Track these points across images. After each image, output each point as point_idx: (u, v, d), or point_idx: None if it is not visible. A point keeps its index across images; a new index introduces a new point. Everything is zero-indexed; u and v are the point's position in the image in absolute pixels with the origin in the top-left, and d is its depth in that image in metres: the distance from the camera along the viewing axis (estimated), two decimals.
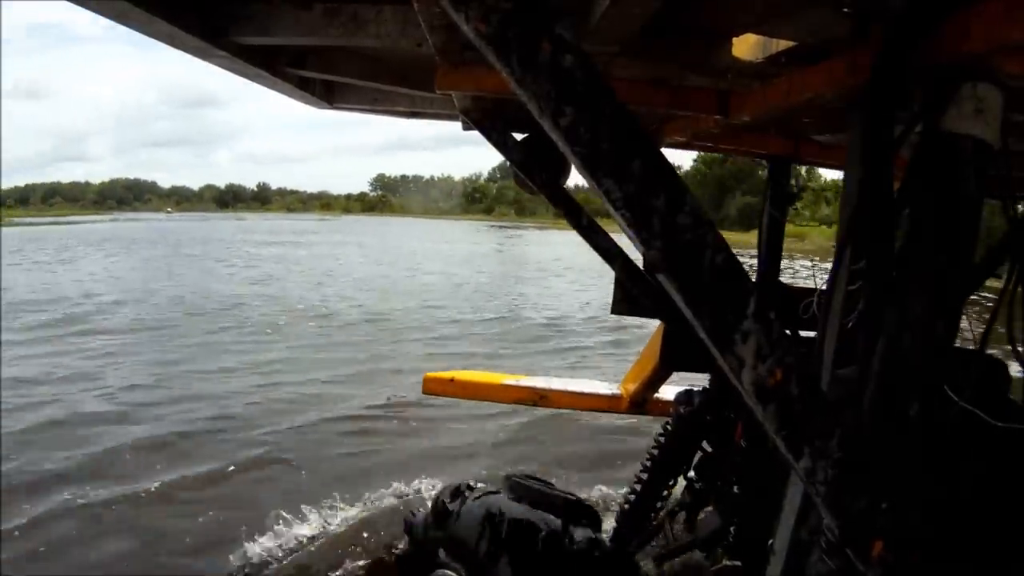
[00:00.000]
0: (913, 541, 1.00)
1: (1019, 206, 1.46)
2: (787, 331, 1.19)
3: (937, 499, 1.21)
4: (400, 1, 1.64)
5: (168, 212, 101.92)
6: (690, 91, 1.99)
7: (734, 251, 0.88)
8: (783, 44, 1.54)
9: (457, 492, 2.64)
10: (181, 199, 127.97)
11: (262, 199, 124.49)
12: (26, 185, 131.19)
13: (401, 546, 2.90)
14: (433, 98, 2.40)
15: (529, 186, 2.84)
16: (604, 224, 2.75)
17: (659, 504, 2.98)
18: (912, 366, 1.10)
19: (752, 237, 2.82)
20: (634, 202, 0.83)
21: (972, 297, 1.33)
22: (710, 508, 2.74)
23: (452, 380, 3.72)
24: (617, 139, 0.82)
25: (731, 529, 2.51)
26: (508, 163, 2.82)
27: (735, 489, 2.55)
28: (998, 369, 1.61)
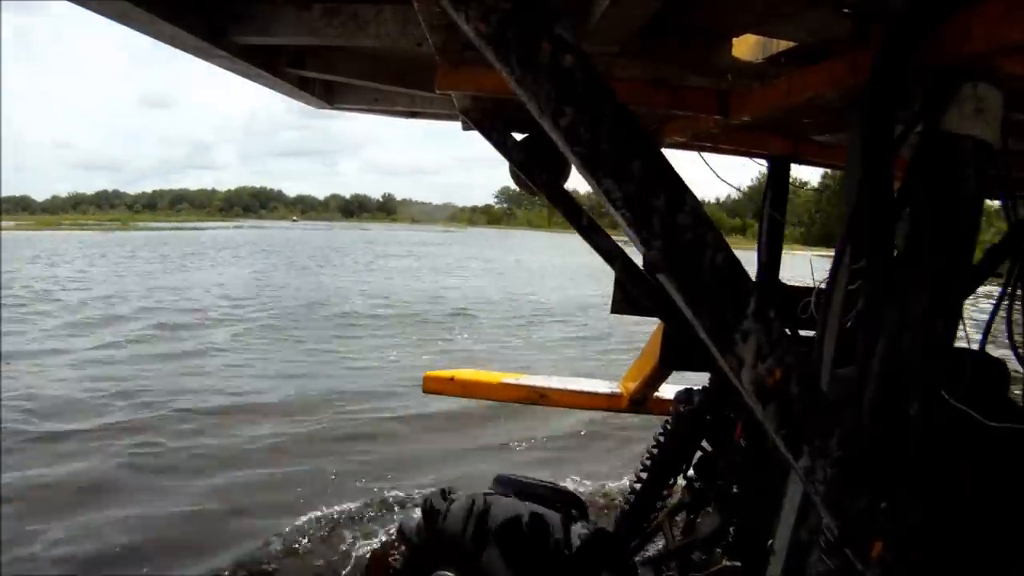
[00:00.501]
0: (913, 541, 1.00)
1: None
2: (787, 330, 1.19)
3: (937, 499, 1.21)
4: (400, 1, 1.64)
5: (294, 220, 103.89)
6: (690, 91, 1.99)
7: None
8: (783, 44, 1.54)
9: (445, 493, 2.66)
10: (307, 208, 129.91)
11: (387, 210, 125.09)
12: (154, 191, 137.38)
13: (397, 554, 2.91)
14: (433, 98, 2.40)
15: (529, 186, 2.84)
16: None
17: (659, 504, 2.98)
18: (912, 366, 1.10)
19: None
20: (634, 202, 0.83)
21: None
22: (710, 508, 2.74)
23: (452, 379, 3.72)
24: (617, 139, 0.82)
25: (731, 529, 2.51)
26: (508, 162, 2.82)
27: (735, 489, 2.55)
28: (998, 369, 1.61)
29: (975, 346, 1.36)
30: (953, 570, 1.26)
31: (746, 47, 1.64)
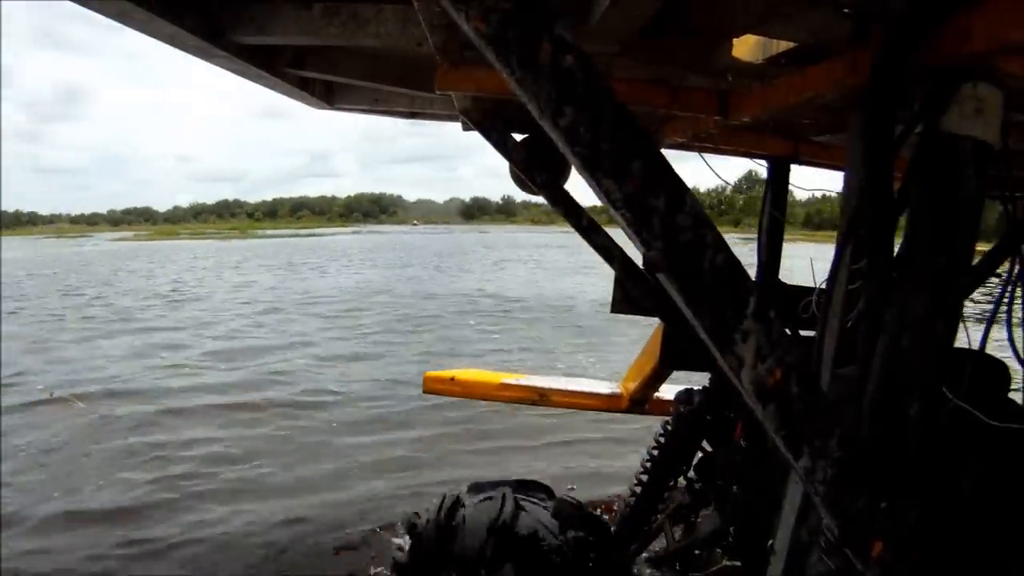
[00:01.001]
0: (913, 541, 1.00)
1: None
2: (787, 330, 1.19)
3: (937, 499, 1.21)
4: (400, 1, 1.64)
5: (414, 224, 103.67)
6: (690, 91, 1.99)
7: None
8: (783, 45, 1.54)
9: (457, 503, 2.70)
10: (426, 212, 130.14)
11: (507, 211, 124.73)
12: (274, 199, 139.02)
13: (400, 550, 2.92)
14: (433, 98, 2.40)
15: (529, 186, 2.84)
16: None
17: (659, 504, 2.98)
18: (912, 366, 1.10)
19: None
20: (634, 202, 0.83)
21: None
22: (710, 508, 2.74)
23: (452, 379, 3.72)
24: (617, 139, 0.82)
25: (731, 529, 2.51)
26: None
27: (735, 489, 2.55)
28: (998, 369, 1.61)
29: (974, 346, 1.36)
30: (953, 570, 1.26)
31: (746, 47, 1.64)
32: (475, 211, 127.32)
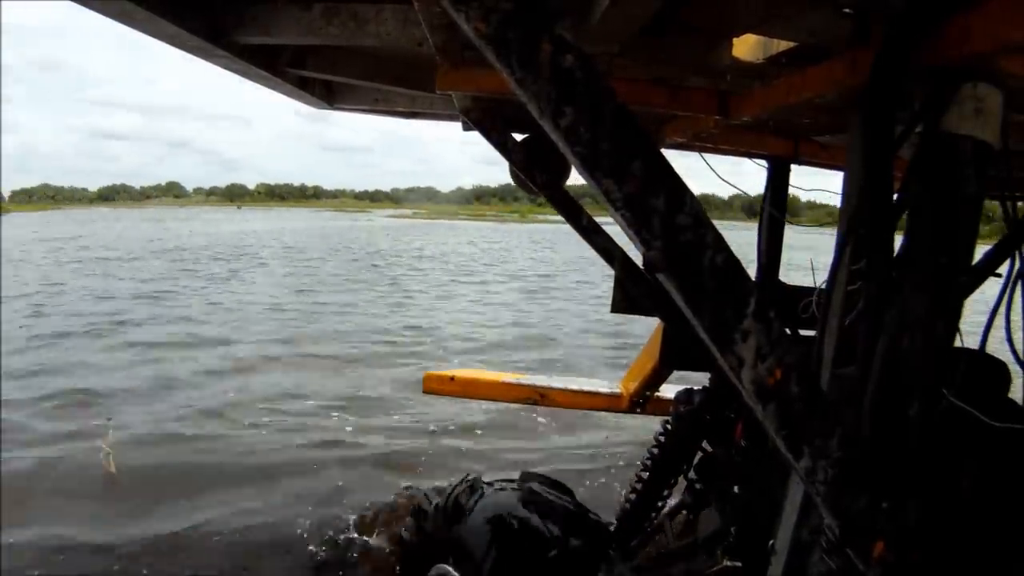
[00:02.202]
0: (914, 541, 1.00)
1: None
2: (787, 330, 1.19)
3: (938, 499, 1.21)
4: (400, 1, 1.64)
5: None
6: (690, 91, 1.99)
7: None
8: (783, 45, 1.54)
9: (473, 488, 2.72)
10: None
11: None
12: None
13: (406, 532, 2.97)
14: (433, 98, 2.40)
15: (529, 187, 2.84)
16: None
17: (659, 504, 2.98)
18: (912, 366, 1.10)
19: None
20: (634, 202, 0.83)
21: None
22: (710, 508, 2.74)
23: (452, 378, 3.72)
24: (617, 139, 0.82)
25: (731, 529, 2.51)
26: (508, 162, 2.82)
27: (736, 489, 2.55)
28: (998, 370, 1.61)
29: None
30: (953, 570, 1.26)
31: (746, 47, 1.64)
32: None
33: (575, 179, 2.95)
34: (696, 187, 0.92)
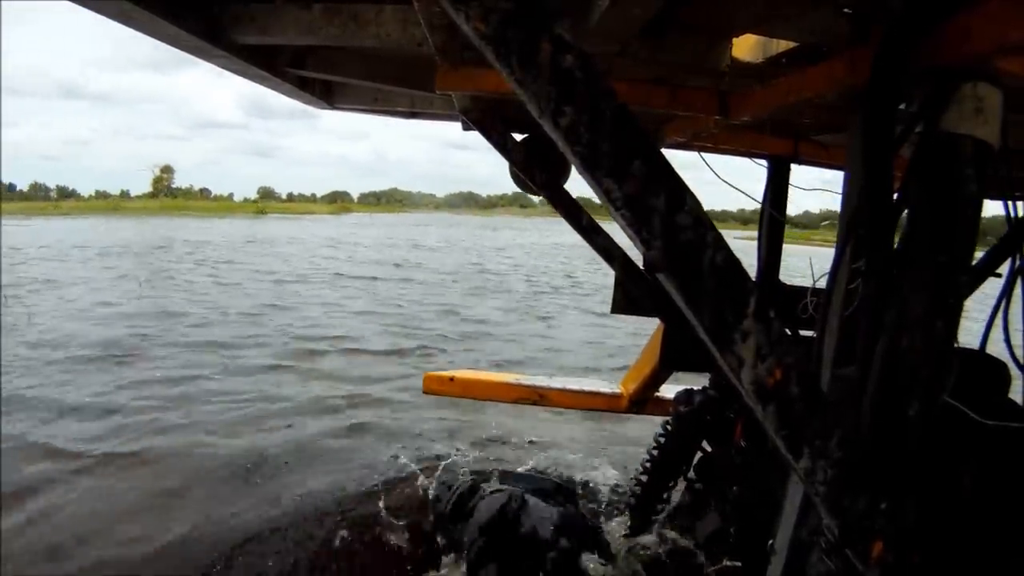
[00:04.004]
0: (913, 541, 1.00)
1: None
2: (787, 330, 1.19)
3: (938, 499, 1.21)
4: (400, 1, 1.64)
5: None
6: (690, 91, 1.99)
7: None
8: (783, 45, 1.54)
9: (474, 489, 2.77)
10: None
11: None
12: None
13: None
14: (433, 98, 2.40)
15: (529, 187, 2.84)
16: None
17: (659, 504, 2.98)
18: (912, 366, 1.10)
19: None
20: (634, 202, 0.83)
21: None
22: (710, 508, 2.74)
23: (452, 379, 3.72)
24: (617, 139, 0.81)
25: (731, 529, 2.51)
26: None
27: (735, 489, 2.55)
28: (998, 370, 1.61)
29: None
30: (953, 570, 1.26)
31: (746, 47, 1.64)
32: None
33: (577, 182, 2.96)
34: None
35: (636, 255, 1.23)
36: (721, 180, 2.68)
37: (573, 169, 2.44)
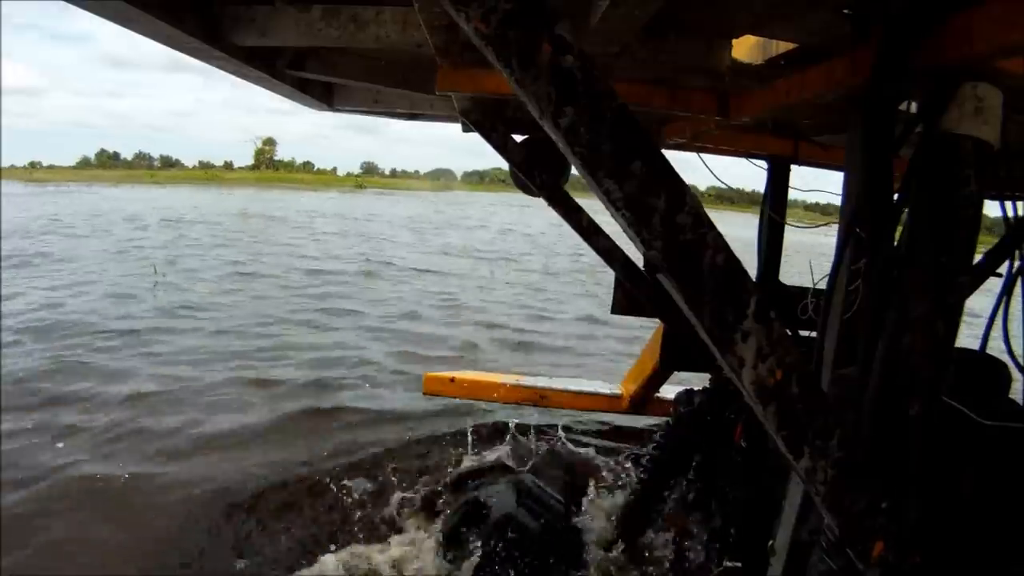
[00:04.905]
0: (913, 541, 1.00)
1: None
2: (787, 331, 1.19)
3: (938, 499, 1.21)
4: (400, 2, 1.64)
5: None
6: (690, 92, 1.99)
7: None
8: (783, 46, 1.54)
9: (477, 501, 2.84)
10: None
11: None
12: None
13: None
14: (433, 99, 2.40)
15: (529, 187, 2.84)
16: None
17: (660, 504, 2.97)
18: (912, 366, 1.10)
19: None
20: (634, 202, 0.83)
21: None
22: (711, 509, 2.74)
23: (452, 380, 3.72)
24: (617, 139, 0.81)
25: (731, 530, 2.51)
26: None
27: (735, 489, 2.55)
28: (998, 370, 1.61)
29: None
30: (953, 570, 1.26)
31: (746, 49, 1.64)
32: None
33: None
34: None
35: (637, 256, 1.23)
36: (720, 181, 2.69)
37: (573, 169, 2.44)
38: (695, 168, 2.60)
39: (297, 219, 24.07)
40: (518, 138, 2.72)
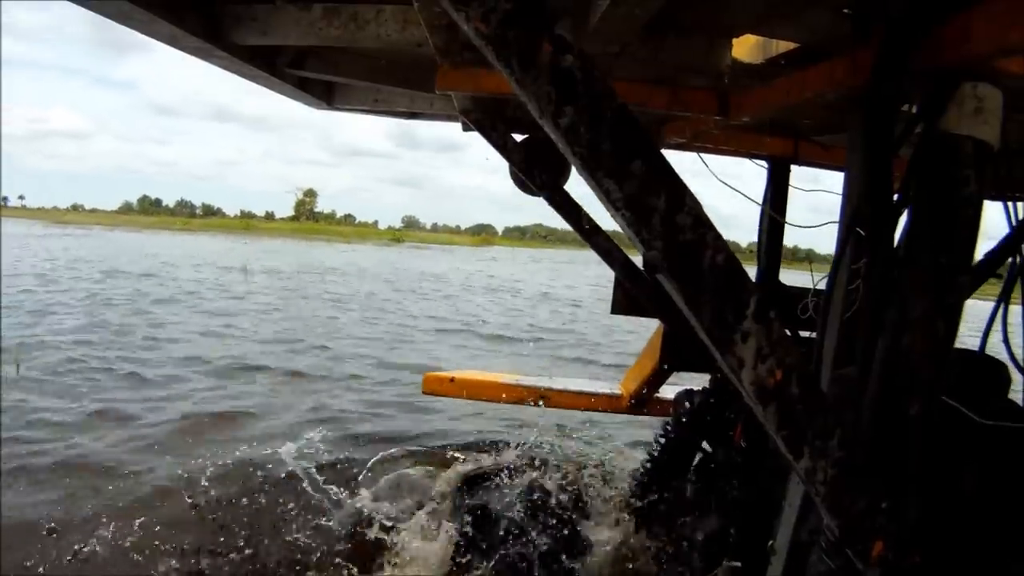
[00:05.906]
0: (914, 541, 1.00)
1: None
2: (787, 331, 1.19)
3: (938, 499, 1.21)
4: (400, 1, 1.64)
5: None
6: (690, 91, 1.99)
7: None
8: (783, 46, 1.54)
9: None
10: None
11: None
12: None
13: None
14: (433, 99, 2.40)
15: (529, 187, 2.84)
16: None
17: (660, 505, 2.97)
18: (912, 366, 1.10)
19: None
20: (634, 202, 0.83)
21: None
22: (711, 509, 2.74)
23: (452, 380, 3.72)
24: (617, 139, 0.81)
25: (731, 530, 2.51)
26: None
27: (735, 490, 2.55)
28: (998, 370, 1.61)
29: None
30: (953, 570, 1.26)
31: (746, 48, 1.64)
32: None
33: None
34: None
35: (636, 256, 1.23)
36: (721, 181, 2.69)
37: (573, 169, 2.44)
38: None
39: (286, 274, 20.17)
40: (518, 137, 2.72)
